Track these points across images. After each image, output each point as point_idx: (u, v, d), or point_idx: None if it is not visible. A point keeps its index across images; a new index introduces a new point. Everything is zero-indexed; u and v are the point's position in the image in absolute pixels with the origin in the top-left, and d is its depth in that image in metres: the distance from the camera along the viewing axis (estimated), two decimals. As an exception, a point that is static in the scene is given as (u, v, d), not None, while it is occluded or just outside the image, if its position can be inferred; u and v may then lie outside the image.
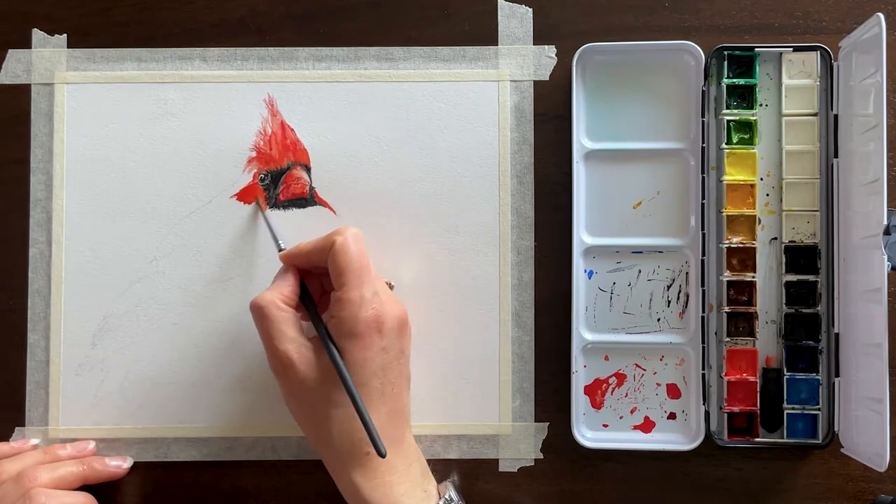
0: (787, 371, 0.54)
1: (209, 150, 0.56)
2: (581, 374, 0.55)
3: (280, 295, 0.49)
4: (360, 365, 0.47)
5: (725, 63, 0.54)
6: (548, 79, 0.56)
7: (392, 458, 0.48)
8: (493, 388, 0.55)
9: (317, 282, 0.52)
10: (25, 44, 0.56)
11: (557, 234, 0.55)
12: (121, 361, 0.55)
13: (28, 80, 0.56)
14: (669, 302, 0.55)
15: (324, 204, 0.56)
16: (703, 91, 0.54)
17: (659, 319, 0.55)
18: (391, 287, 0.53)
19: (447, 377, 0.55)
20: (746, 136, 0.54)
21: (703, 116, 0.54)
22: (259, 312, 0.48)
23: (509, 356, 0.55)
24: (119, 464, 0.54)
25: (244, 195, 0.56)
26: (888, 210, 0.48)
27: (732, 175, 0.54)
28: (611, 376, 0.55)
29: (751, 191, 0.54)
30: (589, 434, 0.55)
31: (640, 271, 0.55)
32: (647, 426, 0.55)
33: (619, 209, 0.55)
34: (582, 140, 0.55)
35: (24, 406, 0.55)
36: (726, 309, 0.54)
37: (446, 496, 0.49)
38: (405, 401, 0.50)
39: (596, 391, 0.55)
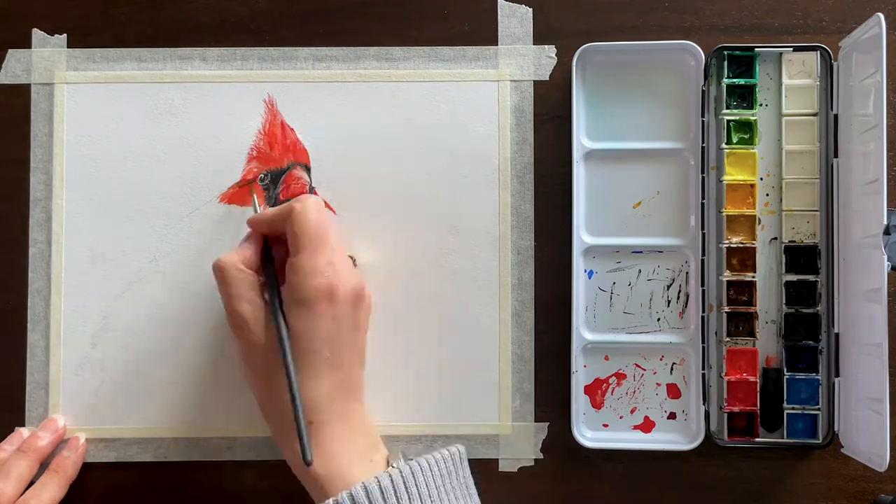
0: (787, 371, 0.54)
1: (209, 150, 0.56)
2: (581, 374, 0.55)
3: (241, 257, 0.49)
4: (309, 332, 0.47)
5: (725, 63, 0.54)
6: (548, 79, 0.56)
7: (337, 429, 0.48)
8: (493, 388, 0.55)
9: (283, 249, 0.51)
10: (25, 44, 0.56)
11: (557, 234, 0.55)
12: (121, 361, 0.55)
13: (28, 80, 0.56)
14: (669, 302, 0.55)
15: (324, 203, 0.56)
16: (703, 91, 0.54)
17: (659, 319, 0.55)
18: (354, 262, 0.53)
19: (447, 377, 0.55)
20: (746, 136, 0.54)
21: (703, 116, 0.54)
22: (219, 273, 0.49)
23: (509, 356, 0.55)
24: (70, 454, 0.54)
25: (243, 196, 0.56)
26: (888, 210, 0.48)
27: (732, 175, 0.54)
28: (611, 376, 0.55)
29: (751, 191, 0.54)
30: (589, 434, 0.55)
31: (640, 271, 0.55)
32: (647, 426, 0.55)
33: (619, 209, 0.55)
34: (582, 140, 0.55)
35: (24, 406, 0.55)
36: (726, 309, 0.54)
37: (394, 464, 0.48)
38: (357, 374, 0.50)
39: (596, 391, 0.55)
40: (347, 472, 0.47)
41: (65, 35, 0.56)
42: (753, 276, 0.54)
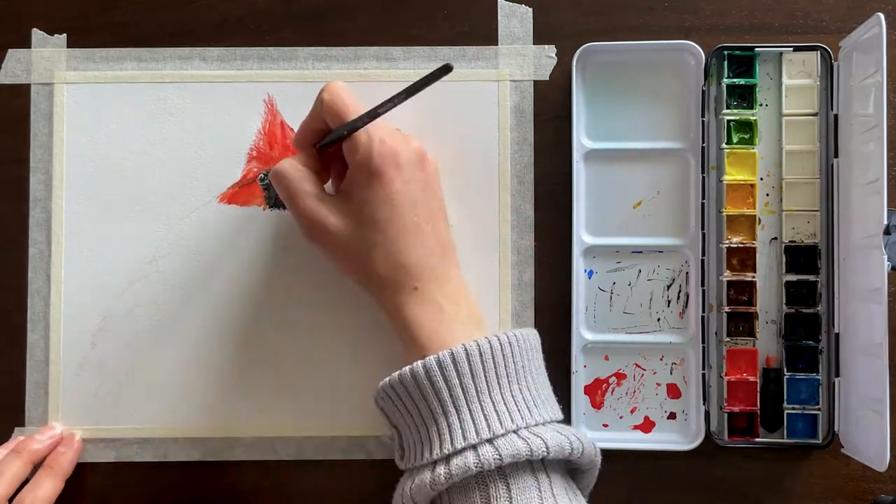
0: (787, 371, 0.54)
1: (209, 151, 0.56)
2: (581, 374, 0.55)
3: (298, 161, 0.49)
4: (387, 202, 0.47)
5: (725, 63, 0.54)
6: (548, 79, 0.56)
7: (437, 296, 0.48)
8: (493, 388, 0.55)
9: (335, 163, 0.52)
10: (25, 44, 0.56)
11: (557, 234, 0.55)
12: (121, 361, 0.55)
13: (28, 79, 0.56)
14: (669, 302, 0.55)
15: (324, 204, 0.56)
16: (703, 91, 0.54)
17: (659, 319, 0.55)
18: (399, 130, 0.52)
19: (447, 377, 0.55)
20: (746, 136, 0.54)
21: (703, 116, 0.54)
22: (279, 177, 0.49)
23: (509, 356, 0.55)
24: (66, 450, 0.54)
25: (243, 196, 0.56)
26: (888, 210, 0.48)
27: (732, 175, 0.54)
28: (611, 376, 0.55)
29: (751, 191, 0.54)
30: (589, 434, 0.55)
31: (640, 271, 0.55)
32: (647, 426, 0.55)
33: (619, 209, 0.55)
34: (582, 140, 0.55)
35: (24, 406, 0.55)
36: (726, 309, 0.54)
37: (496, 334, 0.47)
38: (446, 235, 0.50)
39: (596, 391, 0.55)
40: (449, 336, 0.47)
41: (65, 35, 0.56)
42: (753, 276, 0.54)
